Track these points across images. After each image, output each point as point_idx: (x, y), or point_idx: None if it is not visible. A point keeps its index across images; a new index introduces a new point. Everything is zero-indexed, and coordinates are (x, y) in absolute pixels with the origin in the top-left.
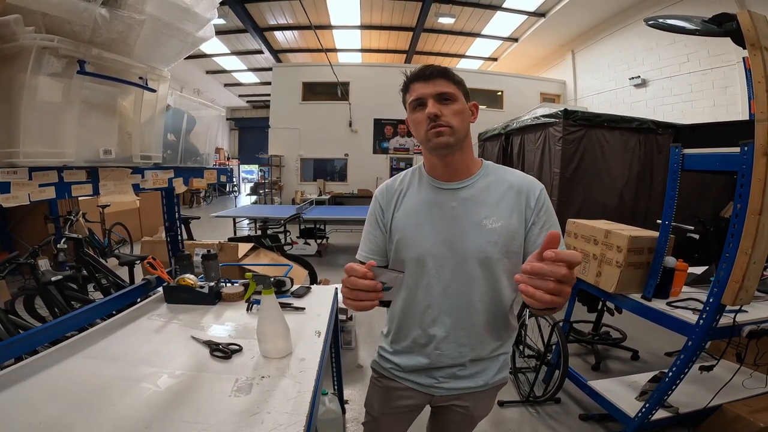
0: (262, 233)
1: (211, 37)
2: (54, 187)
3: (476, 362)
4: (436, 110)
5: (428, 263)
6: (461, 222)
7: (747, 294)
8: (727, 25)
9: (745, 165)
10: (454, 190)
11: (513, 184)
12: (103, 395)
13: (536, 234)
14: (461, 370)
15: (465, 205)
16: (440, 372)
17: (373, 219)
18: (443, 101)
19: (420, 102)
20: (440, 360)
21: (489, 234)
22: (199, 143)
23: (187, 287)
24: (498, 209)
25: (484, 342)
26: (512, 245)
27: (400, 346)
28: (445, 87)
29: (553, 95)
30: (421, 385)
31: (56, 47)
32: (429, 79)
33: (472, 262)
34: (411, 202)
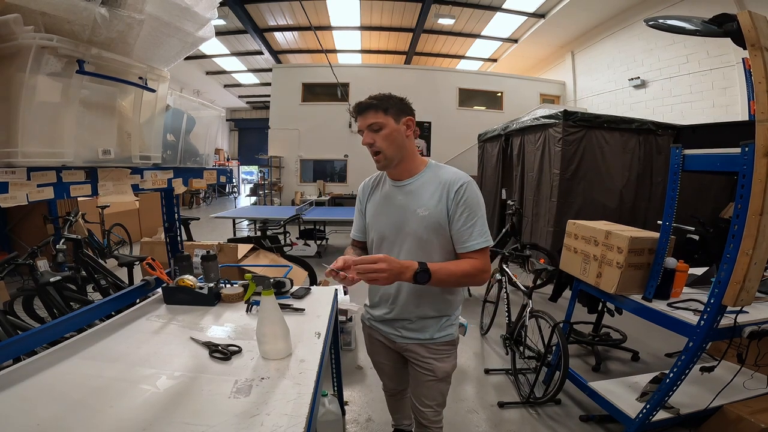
0: (261, 234)
1: (210, 37)
2: (52, 188)
3: (421, 319)
4: (370, 139)
5: (385, 240)
6: (403, 211)
7: (748, 295)
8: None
9: (746, 166)
10: (400, 186)
11: (442, 179)
12: (102, 397)
13: (456, 220)
14: (410, 323)
15: (407, 198)
16: (397, 323)
17: (357, 206)
18: (375, 131)
19: (361, 132)
20: (396, 313)
21: (421, 220)
22: (198, 144)
23: (186, 288)
24: (428, 201)
25: (424, 302)
26: (438, 228)
27: (371, 302)
28: (373, 118)
29: (552, 96)
30: (386, 332)
31: (55, 47)
32: (360, 113)
33: (411, 240)
34: (377, 195)
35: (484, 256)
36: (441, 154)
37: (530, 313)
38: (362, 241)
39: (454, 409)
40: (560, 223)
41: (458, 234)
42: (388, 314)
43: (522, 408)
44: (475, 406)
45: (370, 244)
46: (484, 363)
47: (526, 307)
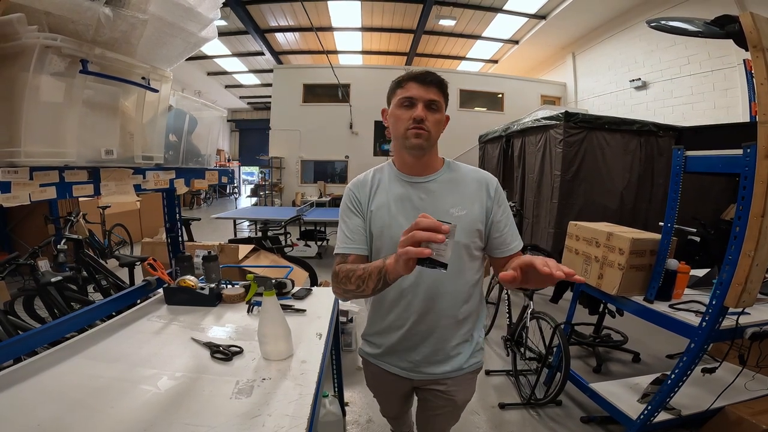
0: (262, 235)
1: (213, 37)
2: (55, 187)
3: (447, 345)
4: (424, 115)
5: None
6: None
7: (750, 296)
8: (730, 26)
9: (748, 167)
10: (421, 183)
11: (474, 178)
12: (102, 397)
13: (498, 221)
14: (436, 354)
15: (432, 197)
16: (416, 354)
17: (349, 208)
18: (430, 108)
19: (410, 102)
20: (414, 341)
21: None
22: (200, 144)
23: (187, 288)
24: (461, 200)
25: (452, 325)
26: (474, 231)
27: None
28: (437, 96)
29: (553, 97)
30: (398, 368)
31: (59, 46)
32: (427, 85)
33: None
34: (384, 195)
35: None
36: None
37: (531, 314)
38: (362, 255)
39: None
40: (561, 225)
41: (503, 236)
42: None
43: (523, 409)
44: (475, 407)
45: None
46: (485, 364)
47: (527, 308)
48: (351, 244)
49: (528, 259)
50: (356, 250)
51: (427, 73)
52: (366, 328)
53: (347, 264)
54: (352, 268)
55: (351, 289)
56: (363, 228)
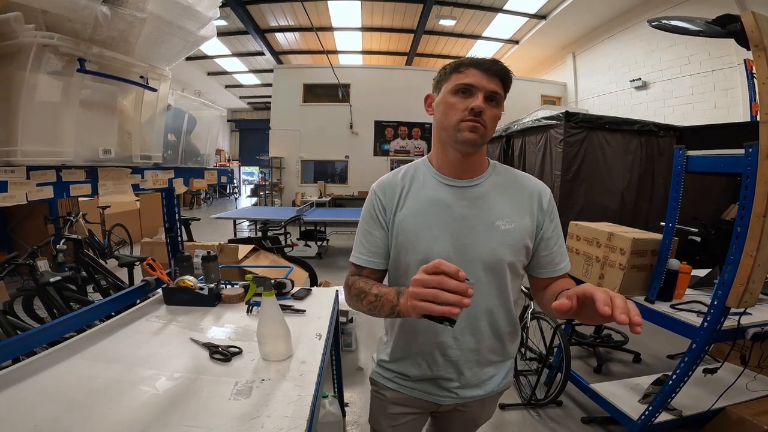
0: (262, 235)
1: (212, 36)
2: (52, 187)
3: (484, 369)
4: (483, 105)
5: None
6: (472, 222)
7: (752, 296)
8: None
9: (750, 167)
10: (464, 188)
11: (524, 185)
12: (100, 398)
13: (548, 238)
14: (470, 377)
15: (476, 205)
16: (448, 381)
17: (373, 216)
18: (491, 101)
19: (469, 90)
20: (447, 367)
21: (502, 236)
22: (199, 144)
23: (186, 289)
24: (509, 211)
25: (492, 347)
26: (522, 249)
27: (403, 354)
28: (499, 88)
29: (553, 97)
30: (428, 393)
31: (56, 45)
32: (491, 74)
33: (482, 265)
34: (416, 199)
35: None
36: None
37: (532, 314)
38: (378, 269)
39: None
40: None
41: (552, 255)
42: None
43: (523, 410)
44: None
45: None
46: None
47: (528, 308)
48: (368, 256)
49: (589, 289)
50: (373, 264)
51: (494, 60)
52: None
53: (360, 279)
54: (364, 289)
55: (363, 310)
56: (384, 242)
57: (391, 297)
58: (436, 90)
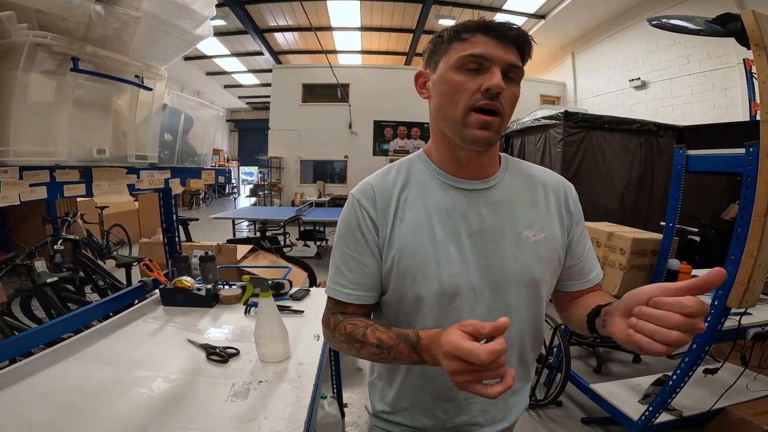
0: (261, 235)
1: (209, 35)
2: (45, 187)
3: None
4: (502, 84)
5: (457, 298)
6: (496, 236)
7: (752, 297)
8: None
9: (751, 166)
10: (480, 191)
11: (546, 183)
12: (96, 399)
13: (576, 243)
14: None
15: (498, 213)
16: (473, 425)
17: (357, 237)
18: (508, 78)
19: (479, 63)
20: (470, 409)
21: (534, 248)
22: (196, 143)
23: (183, 289)
24: (538, 216)
25: (521, 376)
26: (556, 260)
27: (410, 403)
28: (518, 61)
29: (553, 97)
30: None
31: (49, 44)
32: (507, 42)
33: (514, 287)
34: (419, 209)
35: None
36: None
37: None
38: (367, 304)
39: None
40: None
41: (581, 263)
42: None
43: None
44: None
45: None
46: None
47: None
48: (352, 289)
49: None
50: (360, 299)
51: (508, 25)
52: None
53: (347, 321)
54: (357, 337)
55: (361, 357)
56: (376, 269)
57: (405, 352)
58: (431, 65)
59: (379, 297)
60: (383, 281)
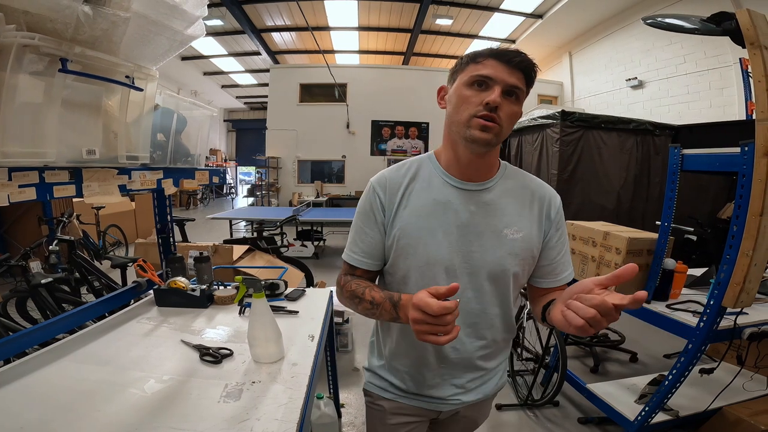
0: (257, 235)
1: (201, 35)
2: (35, 188)
3: (482, 373)
4: (500, 100)
5: (438, 275)
6: (480, 230)
7: (748, 296)
8: (726, 24)
9: (746, 165)
10: (474, 191)
11: (534, 191)
12: (88, 400)
13: (552, 247)
14: (470, 383)
15: (485, 211)
16: (448, 388)
17: (370, 215)
18: (510, 96)
19: (485, 82)
20: (449, 375)
21: (510, 245)
22: (190, 144)
23: (178, 290)
24: (520, 218)
25: (489, 353)
26: (530, 259)
27: (400, 363)
28: (521, 84)
29: (550, 97)
30: (427, 401)
31: (37, 45)
32: (512, 66)
33: (487, 275)
34: (421, 199)
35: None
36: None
37: (528, 314)
38: (371, 270)
39: None
40: None
41: (553, 264)
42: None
43: (520, 410)
44: None
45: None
46: None
47: (524, 308)
48: (361, 257)
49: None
50: (366, 265)
51: (517, 52)
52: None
53: (353, 281)
54: (357, 293)
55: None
56: (380, 243)
57: (388, 308)
58: (451, 81)
59: (382, 266)
60: (386, 254)
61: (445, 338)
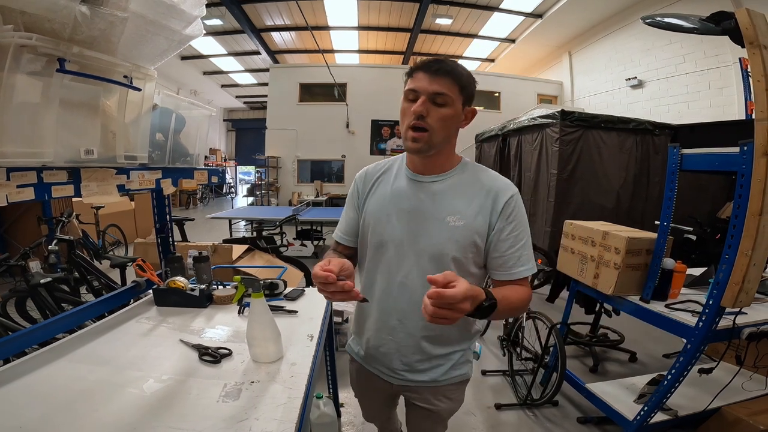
0: (257, 235)
1: (199, 35)
2: (33, 188)
3: (427, 355)
4: (423, 110)
5: (389, 251)
6: (426, 216)
7: (747, 296)
8: (725, 23)
9: (745, 165)
10: (425, 183)
11: (485, 185)
12: (87, 400)
13: (503, 240)
14: (418, 363)
15: (433, 200)
16: (395, 361)
17: (350, 201)
18: (435, 103)
19: (414, 94)
20: (397, 347)
21: (450, 231)
22: (189, 143)
23: (177, 290)
24: (464, 208)
25: (434, 336)
26: (471, 246)
27: (359, 329)
28: (446, 88)
29: (550, 96)
30: (379, 371)
31: (35, 45)
32: (433, 74)
33: (428, 257)
34: (385, 189)
35: (528, 284)
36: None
37: (527, 314)
38: (350, 246)
39: None
40: (557, 224)
41: (504, 257)
42: (382, 347)
43: (519, 410)
44: (471, 407)
45: (364, 252)
46: (480, 364)
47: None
48: (342, 234)
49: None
50: (345, 241)
51: (435, 61)
52: (353, 326)
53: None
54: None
55: None
56: (357, 223)
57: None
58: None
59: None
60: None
61: (332, 298)
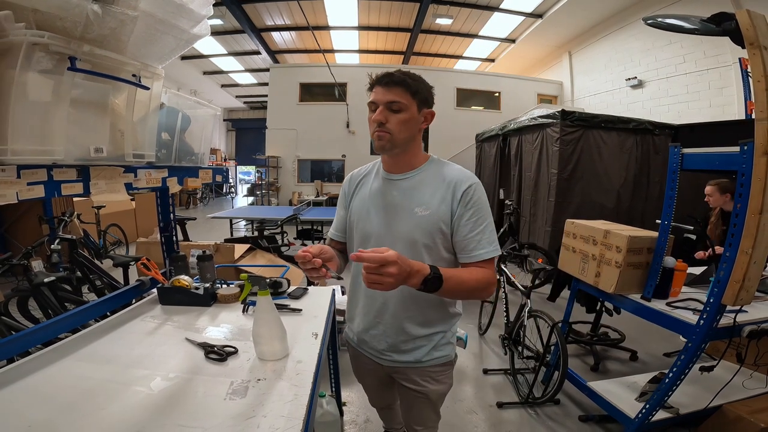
0: (258, 234)
1: (206, 34)
2: (43, 186)
3: (409, 335)
4: (382, 117)
5: (371, 242)
6: (398, 209)
7: (747, 294)
8: (726, 24)
9: (745, 164)
10: (396, 180)
11: (446, 177)
12: (94, 399)
13: (463, 225)
14: (402, 344)
15: (403, 195)
16: (382, 342)
17: (341, 201)
18: (391, 110)
19: (374, 105)
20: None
21: (418, 220)
22: (194, 142)
23: (181, 288)
24: (429, 199)
25: (414, 317)
26: (437, 232)
27: (351, 314)
28: (399, 97)
29: (550, 96)
30: (369, 352)
31: (46, 43)
32: (385, 86)
33: (404, 244)
34: (366, 189)
35: (492, 267)
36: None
37: (529, 312)
38: (341, 241)
39: (453, 409)
40: (558, 223)
41: (465, 241)
42: (370, 330)
43: (521, 408)
44: (473, 406)
45: (351, 245)
46: (482, 363)
47: (525, 306)
48: (334, 230)
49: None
50: (336, 237)
51: (386, 74)
52: (346, 313)
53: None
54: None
55: None
56: (345, 220)
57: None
58: None
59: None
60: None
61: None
